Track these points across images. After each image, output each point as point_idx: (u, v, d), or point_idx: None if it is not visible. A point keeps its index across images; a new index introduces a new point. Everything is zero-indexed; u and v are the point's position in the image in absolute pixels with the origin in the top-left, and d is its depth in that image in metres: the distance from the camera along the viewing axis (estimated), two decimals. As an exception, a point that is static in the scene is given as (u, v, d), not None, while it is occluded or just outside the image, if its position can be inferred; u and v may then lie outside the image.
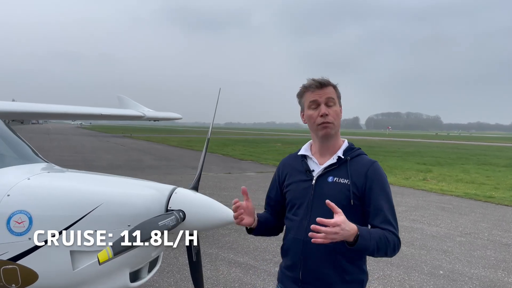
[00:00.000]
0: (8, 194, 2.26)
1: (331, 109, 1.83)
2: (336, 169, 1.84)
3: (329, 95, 1.83)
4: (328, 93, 1.83)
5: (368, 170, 1.80)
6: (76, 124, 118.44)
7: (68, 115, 8.56)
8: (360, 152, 1.90)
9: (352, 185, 1.78)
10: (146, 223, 2.07)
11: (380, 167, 1.85)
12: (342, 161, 1.85)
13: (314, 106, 1.84)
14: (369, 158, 1.89)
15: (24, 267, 2.18)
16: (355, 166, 1.82)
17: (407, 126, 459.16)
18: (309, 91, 1.85)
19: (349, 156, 1.86)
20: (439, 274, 4.95)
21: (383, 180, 1.82)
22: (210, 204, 2.31)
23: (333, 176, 1.82)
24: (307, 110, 1.87)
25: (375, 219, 1.75)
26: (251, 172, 15.22)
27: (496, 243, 6.48)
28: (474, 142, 57.23)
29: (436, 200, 10.14)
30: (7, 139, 3.05)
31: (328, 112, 1.81)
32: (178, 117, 11.76)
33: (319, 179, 1.84)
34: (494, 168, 18.77)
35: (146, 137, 45.40)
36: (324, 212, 1.72)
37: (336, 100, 1.85)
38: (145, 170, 15.23)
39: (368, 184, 1.78)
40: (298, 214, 1.86)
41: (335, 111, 1.84)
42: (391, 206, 1.78)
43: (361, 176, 1.79)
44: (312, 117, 1.85)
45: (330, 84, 1.85)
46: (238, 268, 4.98)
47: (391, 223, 1.74)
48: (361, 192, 1.78)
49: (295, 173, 1.94)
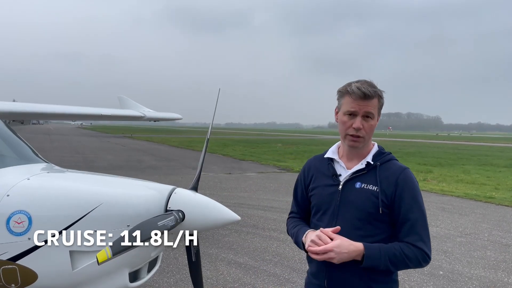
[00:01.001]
0: (8, 194, 2.26)
1: (366, 123, 1.72)
2: (364, 175, 1.76)
3: (369, 109, 1.70)
4: (369, 107, 1.70)
5: (399, 178, 1.72)
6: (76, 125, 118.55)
7: (69, 116, 8.57)
8: (391, 157, 1.81)
9: (381, 193, 1.70)
10: (145, 223, 2.07)
11: (411, 175, 1.76)
12: (371, 166, 1.76)
13: (351, 115, 1.73)
14: (400, 164, 1.79)
15: (23, 267, 2.18)
16: (385, 173, 1.74)
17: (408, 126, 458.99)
18: (351, 97, 1.71)
19: (379, 161, 1.77)
20: (439, 275, 4.95)
21: (415, 188, 1.73)
22: (210, 204, 2.31)
23: (361, 182, 1.74)
24: (342, 115, 1.76)
25: (401, 230, 1.69)
26: (251, 172, 15.21)
27: (496, 243, 6.47)
28: (475, 142, 57.20)
29: (437, 200, 10.13)
30: (7, 139, 3.05)
31: (362, 126, 1.71)
32: (178, 118, 11.77)
33: (346, 184, 1.77)
34: (495, 168, 18.75)
35: (147, 138, 45.43)
36: (350, 220, 1.71)
37: (376, 113, 1.74)
38: (145, 170, 15.23)
39: (398, 193, 1.69)
40: (323, 220, 1.79)
41: (370, 126, 1.73)
42: (422, 217, 1.70)
43: (391, 183, 1.71)
44: (345, 124, 1.75)
45: (375, 96, 1.71)
46: (238, 268, 4.98)
47: (418, 235, 1.67)
48: (390, 200, 1.70)
49: (321, 177, 1.86)
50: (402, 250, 1.65)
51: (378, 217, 1.69)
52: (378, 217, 1.69)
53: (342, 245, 1.57)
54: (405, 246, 1.66)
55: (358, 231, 1.68)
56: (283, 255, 5.51)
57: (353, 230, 1.68)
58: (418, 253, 1.66)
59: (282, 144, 36.08)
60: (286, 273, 4.87)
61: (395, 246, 1.66)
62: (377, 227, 1.69)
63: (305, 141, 45.87)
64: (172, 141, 37.69)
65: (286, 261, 5.27)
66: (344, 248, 1.57)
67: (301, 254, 5.47)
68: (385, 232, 1.71)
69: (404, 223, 1.69)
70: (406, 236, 1.68)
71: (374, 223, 1.70)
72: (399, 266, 1.66)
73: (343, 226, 1.68)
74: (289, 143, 38.88)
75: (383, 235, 1.71)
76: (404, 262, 1.65)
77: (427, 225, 1.72)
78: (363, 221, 1.70)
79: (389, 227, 1.72)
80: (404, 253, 1.64)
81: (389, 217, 1.71)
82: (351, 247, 1.59)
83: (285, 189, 10.75)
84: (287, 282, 4.58)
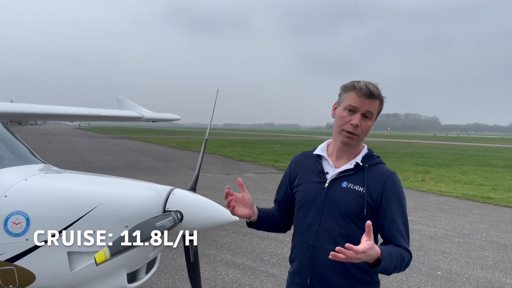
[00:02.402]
0: (6, 195, 2.26)
1: (364, 123, 1.73)
2: (352, 175, 1.77)
3: (370, 109, 1.72)
4: (371, 106, 1.72)
5: (387, 182, 1.74)
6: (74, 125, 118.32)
7: (67, 116, 8.56)
8: (379, 160, 1.83)
9: (367, 194, 1.71)
10: (144, 224, 2.07)
11: (398, 180, 1.79)
12: (359, 168, 1.77)
13: (352, 111, 1.73)
14: (388, 169, 1.81)
15: (21, 268, 2.18)
16: (373, 175, 1.76)
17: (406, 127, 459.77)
18: (356, 93, 1.71)
19: (368, 163, 1.78)
20: (437, 275, 4.96)
21: (401, 193, 1.76)
22: (208, 205, 2.31)
23: (348, 182, 1.75)
24: (342, 109, 1.76)
25: (389, 234, 1.71)
26: (250, 173, 15.21)
27: (494, 244, 6.49)
28: (473, 143, 57.34)
29: (434, 201, 10.15)
30: (5, 140, 3.05)
31: (359, 124, 1.72)
32: (177, 118, 11.76)
33: (332, 182, 1.77)
34: (493, 169, 18.80)
35: (145, 138, 45.36)
36: (334, 218, 1.72)
37: (374, 115, 1.76)
38: (143, 171, 15.21)
39: (385, 196, 1.72)
40: (308, 216, 1.79)
41: (366, 126, 1.75)
42: (405, 221, 1.74)
43: (378, 186, 1.73)
44: (342, 119, 1.75)
45: (378, 98, 1.74)
46: (237, 269, 4.98)
47: (404, 239, 1.71)
48: (376, 203, 1.72)
49: (307, 173, 1.86)
50: (401, 253, 1.66)
51: (362, 218, 1.69)
52: (362, 217, 1.69)
53: (373, 247, 1.51)
54: (401, 249, 1.67)
55: (341, 230, 1.70)
56: (281, 255, 5.51)
57: (337, 228, 1.70)
58: (408, 256, 1.69)
59: (280, 145, 36.08)
60: (284, 274, 4.87)
61: (395, 250, 1.66)
62: (360, 228, 1.68)
63: (303, 142, 45.89)
64: (170, 142, 37.64)
65: (285, 262, 5.27)
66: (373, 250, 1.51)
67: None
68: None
69: (391, 228, 1.71)
70: (393, 240, 1.70)
71: (358, 223, 1.70)
72: (396, 269, 1.66)
73: (327, 223, 1.71)
74: (287, 144, 38.88)
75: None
76: (401, 264, 1.65)
77: (408, 229, 1.76)
78: (347, 220, 1.71)
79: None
80: (402, 256, 1.66)
81: (373, 219, 1.69)
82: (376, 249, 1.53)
83: (283, 189, 10.68)
84: (285, 283, 4.57)
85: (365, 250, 1.46)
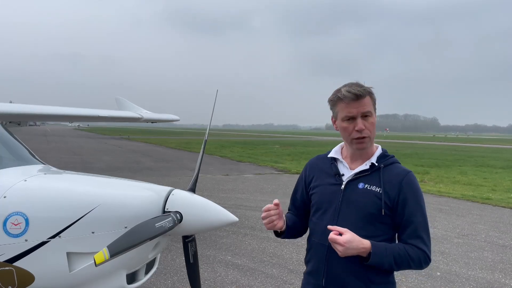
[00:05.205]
0: (5, 195, 2.25)
1: (367, 122, 1.72)
2: (367, 176, 1.76)
3: (365, 108, 1.71)
4: (365, 106, 1.71)
5: (403, 181, 1.72)
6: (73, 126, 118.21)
7: (66, 117, 8.55)
8: (394, 160, 1.82)
9: (385, 194, 1.70)
10: (143, 225, 2.07)
11: (415, 178, 1.77)
12: (375, 168, 1.76)
13: (350, 119, 1.73)
14: (404, 167, 1.80)
15: (20, 269, 2.17)
16: (389, 175, 1.74)
17: (405, 128, 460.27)
18: (344, 102, 1.71)
19: (383, 163, 1.77)
20: (436, 276, 4.96)
21: (418, 192, 1.75)
22: (207, 205, 2.31)
23: (364, 183, 1.74)
24: (341, 121, 1.76)
25: (405, 233, 1.71)
26: (249, 174, 15.20)
27: (493, 244, 6.49)
28: (472, 144, 57.38)
29: (434, 201, 10.15)
30: (4, 141, 3.04)
31: (364, 126, 1.71)
32: (176, 119, 11.75)
33: (349, 184, 1.76)
34: (492, 170, 18.81)
35: (144, 139, 45.35)
36: (352, 219, 1.72)
37: (372, 110, 1.74)
38: (143, 172, 15.20)
39: (402, 196, 1.70)
40: (324, 218, 1.78)
41: (371, 123, 1.73)
42: (424, 220, 1.72)
43: (395, 186, 1.71)
44: (347, 130, 1.74)
45: (366, 94, 1.71)
46: (236, 270, 4.97)
47: (421, 238, 1.69)
48: (393, 203, 1.70)
49: (323, 176, 1.85)
50: (406, 251, 1.67)
51: (379, 219, 1.70)
52: (380, 218, 1.70)
53: (353, 242, 1.58)
54: (409, 247, 1.68)
55: (359, 231, 1.67)
56: (280, 256, 5.51)
57: (355, 230, 1.67)
58: (420, 255, 1.68)
59: (279, 146, 36.09)
60: (283, 274, 4.87)
61: (399, 246, 1.68)
62: (378, 228, 1.70)
63: (302, 143, 45.89)
64: (170, 143, 37.64)
65: (284, 263, 5.27)
66: (354, 245, 1.58)
67: (298, 255, 5.47)
68: (386, 234, 1.72)
69: (408, 226, 1.70)
70: (409, 239, 1.70)
71: (376, 224, 1.70)
72: (401, 266, 1.67)
73: (345, 225, 1.69)
74: (286, 145, 38.90)
75: (384, 236, 1.72)
76: (407, 262, 1.66)
77: (428, 228, 1.74)
78: (364, 222, 1.71)
79: (389, 229, 1.73)
80: (408, 254, 1.66)
81: (391, 219, 1.71)
82: (360, 245, 1.59)
83: (283, 190, 10.70)
84: (285, 284, 4.58)
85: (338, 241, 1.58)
